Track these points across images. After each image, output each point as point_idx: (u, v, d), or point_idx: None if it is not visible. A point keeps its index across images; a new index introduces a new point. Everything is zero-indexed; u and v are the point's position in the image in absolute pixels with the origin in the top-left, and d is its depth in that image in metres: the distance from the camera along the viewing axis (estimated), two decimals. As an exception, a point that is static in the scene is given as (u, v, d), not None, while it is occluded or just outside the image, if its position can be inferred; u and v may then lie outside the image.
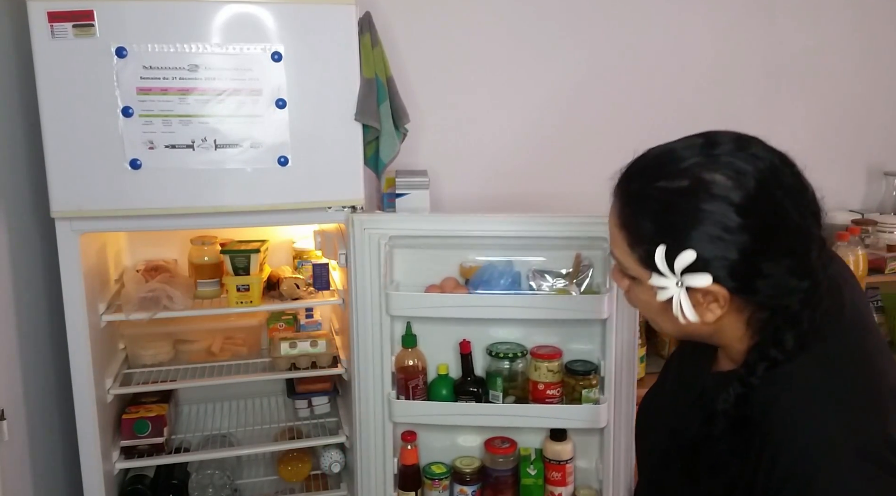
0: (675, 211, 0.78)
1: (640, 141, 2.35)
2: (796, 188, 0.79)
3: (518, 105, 2.15)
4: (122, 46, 1.45)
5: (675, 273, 0.78)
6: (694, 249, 0.76)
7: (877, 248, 2.13)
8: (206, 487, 1.83)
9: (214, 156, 1.52)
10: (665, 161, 0.81)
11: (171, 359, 1.85)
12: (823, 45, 2.33)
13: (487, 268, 1.63)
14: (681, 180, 0.78)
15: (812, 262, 0.78)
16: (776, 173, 0.78)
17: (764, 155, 0.80)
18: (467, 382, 1.65)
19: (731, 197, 0.75)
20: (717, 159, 0.78)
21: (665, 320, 0.85)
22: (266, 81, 1.51)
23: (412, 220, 1.66)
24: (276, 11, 1.50)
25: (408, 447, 1.67)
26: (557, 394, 1.62)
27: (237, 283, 1.69)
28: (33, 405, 1.59)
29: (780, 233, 0.77)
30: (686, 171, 0.78)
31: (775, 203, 0.77)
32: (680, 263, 0.77)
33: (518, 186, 2.18)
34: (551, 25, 2.13)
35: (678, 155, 0.80)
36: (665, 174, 0.79)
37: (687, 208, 0.77)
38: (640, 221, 0.80)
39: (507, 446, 1.68)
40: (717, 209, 0.75)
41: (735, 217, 0.75)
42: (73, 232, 1.51)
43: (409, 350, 1.65)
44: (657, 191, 0.79)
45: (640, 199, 0.81)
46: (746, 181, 0.76)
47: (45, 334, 1.69)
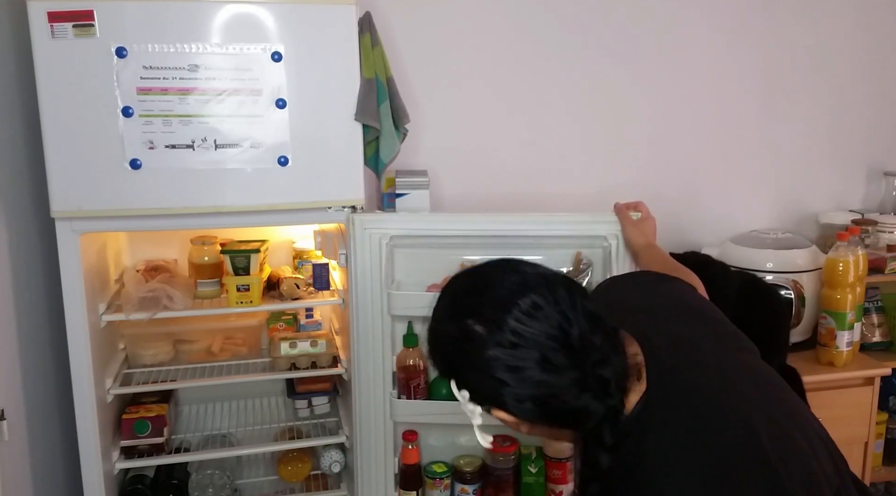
0: (449, 355, 0.92)
1: (641, 140, 2.35)
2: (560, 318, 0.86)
3: (518, 105, 2.15)
4: (122, 46, 1.45)
5: (467, 404, 0.91)
6: (467, 390, 0.90)
7: (877, 248, 2.13)
8: (206, 487, 1.83)
9: (214, 156, 1.52)
10: (442, 303, 0.94)
11: (171, 359, 1.85)
12: (824, 44, 2.33)
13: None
14: (449, 326, 0.91)
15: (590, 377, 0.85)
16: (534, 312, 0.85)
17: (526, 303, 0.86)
18: None
19: (484, 342, 0.85)
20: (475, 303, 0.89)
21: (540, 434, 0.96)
22: (266, 81, 1.52)
23: (412, 219, 1.66)
24: (276, 11, 1.50)
25: (409, 446, 1.67)
26: None
27: (237, 283, 1.69)
28: (33, 405, 1.59)
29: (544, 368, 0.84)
30: (454, 317, 0.91)
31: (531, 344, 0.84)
32: (462, 397, 0.91)
33: (519, 186, 2.18)
34: (552, 25, 2.13)
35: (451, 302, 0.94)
36: (439, 318, 0.93)
37: (453, 353, 0.91)
38: (433, 358, 0.95)
39: (508, 445, 1.68)
40: (477, 354, 0.86)
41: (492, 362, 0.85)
42: (73, 232, 1.51)
43: (411, 349, 1.65)
44: (434, 333, 0.94)
45: (430, 342, 0.95)
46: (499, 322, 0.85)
47: (46, 334, 1.69)
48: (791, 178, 2.38)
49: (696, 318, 1.03)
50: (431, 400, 1.65)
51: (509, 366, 0.84)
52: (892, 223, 2.18)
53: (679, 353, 0.93)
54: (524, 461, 1.69)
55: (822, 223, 2.31)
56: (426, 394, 1.66)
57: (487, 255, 1.61)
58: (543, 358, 0.83)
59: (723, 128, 2.30)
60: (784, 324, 1.93)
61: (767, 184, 2.37)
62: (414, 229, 1.63)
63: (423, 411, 1.64)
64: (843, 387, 1.96)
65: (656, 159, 2.27)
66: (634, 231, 1.58)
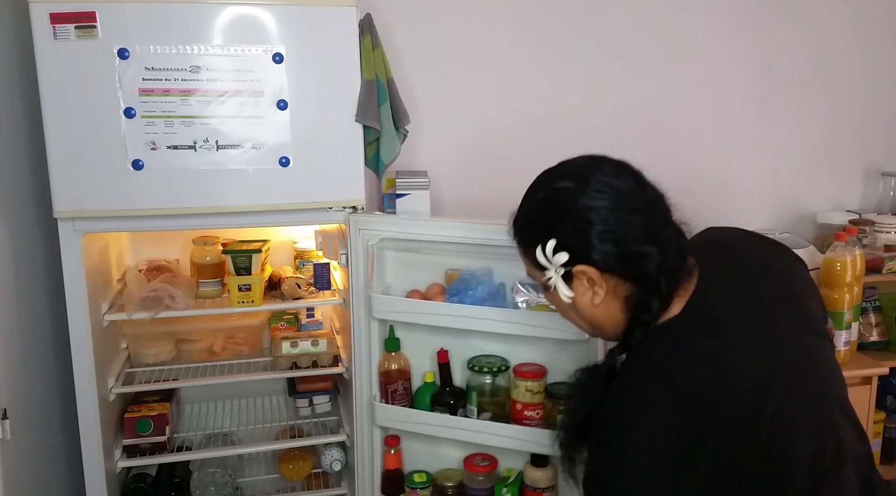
0: (537, 217, 1.02)
1: (640, 140, 2.36)
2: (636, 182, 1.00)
3: (519, 106, 2.16)
4: (124, 48, 1.46)
5: (552, 263, 0.99)
6: (556, 237, 0.98)
7: (874, 248, 2.14)
8: (208, 486, 1.84)
9: (216, 156, 1.53)
10: (531, 187, 1.06)
11: (173, 359, 1.85)
12: (822, 45, 2.33)
13: (465, 276, 1.56)
14: (539, 193, 1.03)
15: (658, 233, 0.97)
16: (617, 173, 1.00)
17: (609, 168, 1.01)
18: (444, 393, 1.58)
19: (574, 193, 0.98)
20: (564, 170, 1.03)
21: (575, 316, 1.06)
22: (267, 83, 1.52)
23: (399, 222, 1.61)
24: (277, 13, 1.50)
25: (391, 451, 1.64)
26: (536, 417, 1.50)
27: (239, 283, 1.70)
28: (36, 404, 1.60)
29: (623, 211, 0.96)
30: (542, 186, 1.04)
31: (613, 190, 0.97)
32: (548, 252, 0.98)
33: (519, 187, 2.18)
34: (552, 26, 2.14)
35: (539, 179, 1.06)
36: (529, 195, 1.05)
37: (544, 212, 1.01)
38: (521, 235, 1.05)
39: (486, 464, 1.60)
40: (565, 204, 0.98)
41: (580, 206, 0.96)
42: (75, 232, 1.52)
43: (392, 354, 1.62)
44: (524, 209, 1.06)
45: (518, 219, 1.06)
46: (586, 177, 0.98)
47: (48, 334, 1.70)
48: (789, 178, 2.39)
49: (775, 281, 1.03)
50: (414, 407, 1.61)
51: (594, 208, 0.96)
52: (889, 223, 2.19)
53: (731, 296, 0.98)
54: (497, 485, 1.59)
55: (820, 223, 2.32)
56: (406, 400, 1.62)
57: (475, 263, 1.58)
58: (622, 202, 0.96)
59: (720, 128, 2.31)
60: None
61: (765, 184, 2.38)
62: (401, 233, 1.58)
63: (396, 417, 1.60)
64: (840, 386, 1.97)
65: (655, 159, 2.24)
66: None
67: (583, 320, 1.05)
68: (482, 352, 1.61)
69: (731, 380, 0.89)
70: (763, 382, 0.89)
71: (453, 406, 1.57)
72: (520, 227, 1.06)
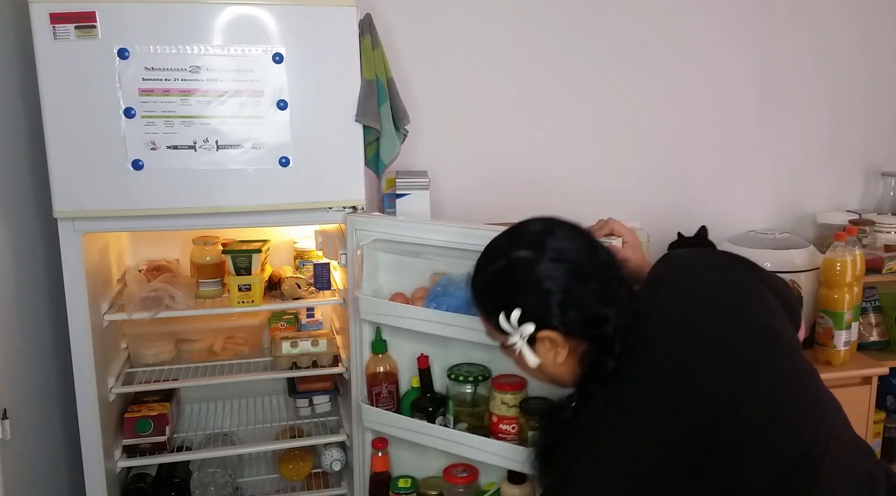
0: (497, 286, 1.07)
1: (640, 141, 2.36)
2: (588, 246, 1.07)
3: (519, 106, 2.16)
4: (124, 48, 1.46)
5: (516, 329, 1.03)
6: (520, 307, 1.02)
7: (874, 248, 2.14)
8: (208, 485, 1.84)
9: (216, 156, 1.53)
10: (488, 254, 1.10)
11: (173, 359, 1.85)
12: (822, 45, 2.33)
13: (443, 281, 1.49)
14: (497, 262, 1.07)
15: (613, 295, 1.03)
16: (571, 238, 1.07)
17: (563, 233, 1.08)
18: (424, 399, 1.54)
19: (532, 263, 1.03)
20: (520, 237, 1.09)
21: (536, 373, 1.10)
22: (267, 83, 1.52)
23: (389, 224, 1.57)
24: (277, 13, 1.50)
25: (378, 454, 1.61)
26: (512, 431, 1.43)
27: (239, 283, 1.70)
28: (36, 404, 1.60)
29: (580, 278, 1.02)
30: (500, 255, 1.08)
31: (569, 259, 1.03)
32: (513, 321, 1.03)
33: (519, 187, 2.19)
34: (553, 27, 2.14)
35: (496, 246, 1.10)
36: (487, 262, 1.09)
37: (505, 281, 1.05)
38: (482, 301, 1.09)
39: (466, 476, 1.53)
40: (526, 274, 1.03)
41: (540, 276, 1.02)
42: (75, 232, 1.52)
43: (379, 356, 1.58)
44: (483, 276, 1.09)
45: (476, 285, 1.10)
46: (543, 245, 1.04)
47: (48, 334, 1.70)
48: (789, 178, 2.39)
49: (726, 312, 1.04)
50: (399, 413, 1.57)
51: (553, 277, 1.02)
52: (889, 223, 2.19)
53: (673, 329, 1.02)
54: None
55: (820, 223, 2.32)
56: (390, 403, 1.58)
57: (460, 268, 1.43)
58: (579, 270, 1.03)
59: (721, 128, 2.31)
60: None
61: (765, 184, 2.38)
62: (390, 234, 1.54)
63: (380, 420, 1.57)
64: (840, 386, 1.97)
65: (655, 160, 2.28)
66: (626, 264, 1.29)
67: (543, 376, 1.11)
68: (467, 360, 1.54)
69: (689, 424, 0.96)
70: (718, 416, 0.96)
71: (431, 413, 1.51)
72: (480, 293, 1.10)
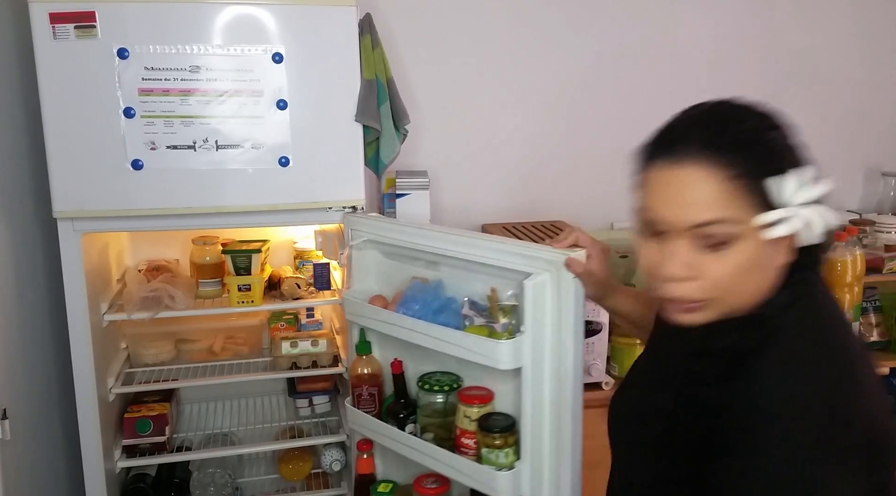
0: (777, 144, 0.81)
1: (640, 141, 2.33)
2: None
3: (519, 105, 2.16)
4: (123, 47, 1.46)
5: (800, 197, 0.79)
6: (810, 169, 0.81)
7: (874, 248, 2.14)
8: (208, 486, 1.84)
9: (216, 156, 1.53)
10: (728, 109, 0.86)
11: (172, 359, 1.86)
12: (822, 45, 2.33)
13: (414, 286, 1.43)
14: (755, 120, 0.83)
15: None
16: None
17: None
18: (398, 405, 1.48)
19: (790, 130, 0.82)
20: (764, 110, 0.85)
21: (754, 281, 0.81)
22: (267, 82, 1.52)
23: (380, 226, 1.51)
24: (276, 13, 1.50)
25: (363, 456, 1.58)
26: (473, 447, 1.32)
27: (238, 283, 1.70)
28: (36, 404, 1.60)
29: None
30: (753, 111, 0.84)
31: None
32: (802, 182, 0.79)
33: (519, 187, 2.19)
34: (552, 27, 2.14)
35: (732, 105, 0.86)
36: (743, 117, 0.83)
37: (784, 142, 0.82)
38: (751, 162, 0.78)
39: (436, 487, 1.44)
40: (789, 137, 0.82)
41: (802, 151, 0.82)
42: (75, 232, 1.52)
43: (363, 358, 1.55)
44: (751, 131, 0.81)
45: (744, 142, 0.79)
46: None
47: (48, 334, 1.70)
48: (789, 178, 2.39)
49: None
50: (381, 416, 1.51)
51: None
52: (889, 223, 2.19)
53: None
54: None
55: (821, 223, 2.32)
56: (373, 406, 1.53)
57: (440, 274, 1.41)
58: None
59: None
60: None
61: (766, 184, 2.38)
62: (379, 236, 1.50)
63: (358, 422, 1.53)
64: (840, 386, 1.97)
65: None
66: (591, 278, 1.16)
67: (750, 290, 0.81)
68: (445, 368, 1.44)
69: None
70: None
71: (402, 420, 1.46)
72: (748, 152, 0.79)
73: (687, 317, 0.82)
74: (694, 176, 0.78)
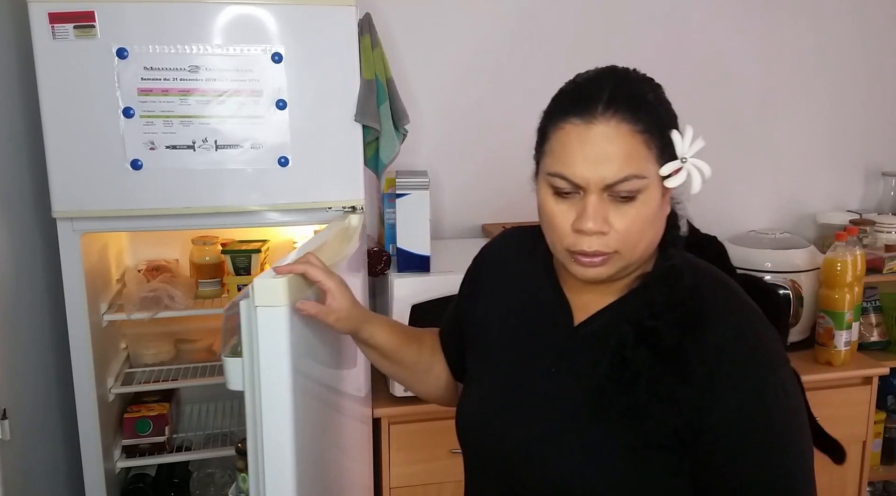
0: (665, 102, 0.89)
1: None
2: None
3: (519, 105, 2.16)
4: (122, 47, 1.45)
5: (688, 150, 0.85)
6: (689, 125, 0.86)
7: (875, 248, 2.14)
8: (208, 486, 1.84)
9: (215, 156, 1.53)
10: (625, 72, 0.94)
11: (172, 359, 1.86)
12: (822, 45, 2.33)
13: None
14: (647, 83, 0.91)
15: None
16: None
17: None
18: None
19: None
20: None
21: (654, 231, 0.87)
22: (266, 82, 1.52)
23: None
24: (276, 13, 1.50)
25: None
26: None
27: (238, 283, 1.70)
28: (35, 404, 1.60)
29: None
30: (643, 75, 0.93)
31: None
32: (688, 138, 0.85)
33: (519, 187, 2.18)
34: (552, 26, 2.14)
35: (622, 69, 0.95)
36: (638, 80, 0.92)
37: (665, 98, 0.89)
38: (654, 116, 0.85)
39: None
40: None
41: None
42: (74, 232, 1.52)
43: None
44: (654, 90, 0.89)
45: (642, 102, 0.86)
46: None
47: (47, 334, 1.69)
48: (789, 178, 2.39)
49: None
50: None
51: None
52: (890, 223, 2.19)
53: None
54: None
55: (821, 223, 2.32)
56: None
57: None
58: None
59: (721, 128, 2.30)
60: (782, 324, 1.94)
61: (766, 184, 2.38)
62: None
63: None
64: (841, 386, 1.97)
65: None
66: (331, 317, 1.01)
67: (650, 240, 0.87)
68: None
69: None
70: None
71: None
72: (649, 106, 0.86)
73: (592, 271, 0.86)
74: (607, 133, 0.82)
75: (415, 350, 1.10)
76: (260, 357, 0.99)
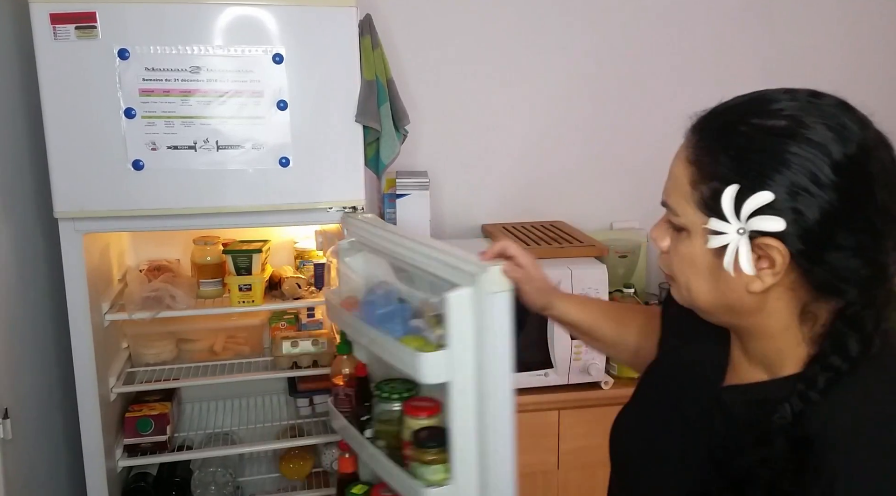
0: (762, 150, 0.69)
1: (640, 141, 2.34)
2: (891, 169, 0.70)
3: (519, 106, 2.16)
4: (124, 48, 1.46)
5: (741, 218, 0.69)
6: (773, 193, 0.67)
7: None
8: (209, 485, 1.84)
9: (216, 157, 1.54)
10: (761, 101, 0.73)
11: (173, 358, 1.86)
12: (821, 45, 2.33)
13: (375, 288, 1.36)
14: (777, 120, 0.69)
15: (883, 252, 0.69)
16: (877, 145, 0.71)
17: (868, 123, 0.73)
18: (362, 408, 1.42)
19: (830, 149, 0.67)
20: (821, 108, 0.70)
21: (705, 283, 0.75)
22: (267, 83, 1.53)
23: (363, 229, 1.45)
24: (277, 14, 1.51)
25: (345, 455, 1.52)
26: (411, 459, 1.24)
27: (239, 283, 1.70)
28: (37, 403, 1.61)
29: (865, 206, 0.68)
30: (783, 112, 0.70)
31: (870, 174, 0.68)
32: (751, 205, 0.68)
33: (519, 187, 2.19)
34: (553, 26, 2.14)
35: (775, 97, 0.72)
36: (759, 112, 0.71)
37: (777, 149, 0.68)
38: (718, 156, 0.71)
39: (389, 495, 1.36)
40: (812, 158, 0.67)
41: (828, 172, 0.66)
42: (76, 232, 1.53)
43: (343, 358, 1.51)
44: (747, 127, 0.71)
45: (725, 134, 0.72)
46: (850, 138, 0.68)
47: (49, 333, 1.70)
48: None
49: None
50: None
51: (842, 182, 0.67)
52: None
53: None
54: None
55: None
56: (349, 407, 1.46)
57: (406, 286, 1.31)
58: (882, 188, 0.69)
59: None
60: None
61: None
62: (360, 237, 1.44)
63: (335, 422, 1.49)
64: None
65: (655, 160, 2.27)
66: (529, 286, 1.08)
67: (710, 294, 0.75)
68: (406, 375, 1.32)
69: None
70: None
71: (362, 423, 1.41)
72: (717, 145, 0.72)
73: (673, 287, 0.81)
74: (678, 150, 0.77)
75: (613, 327, 1.08)
76: (486, 343, 1.06)
